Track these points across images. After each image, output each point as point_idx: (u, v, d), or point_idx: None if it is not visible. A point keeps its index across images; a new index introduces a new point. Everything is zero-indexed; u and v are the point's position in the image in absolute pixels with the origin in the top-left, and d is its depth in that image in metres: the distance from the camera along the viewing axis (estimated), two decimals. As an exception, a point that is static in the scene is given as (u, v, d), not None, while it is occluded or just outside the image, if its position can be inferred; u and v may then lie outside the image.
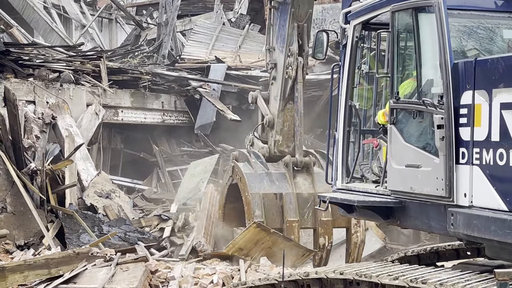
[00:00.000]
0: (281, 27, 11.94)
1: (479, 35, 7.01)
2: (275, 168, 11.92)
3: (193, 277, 10.08)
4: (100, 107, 15.92)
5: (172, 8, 23.21)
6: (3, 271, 9.48)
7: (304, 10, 11.54)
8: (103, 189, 13.87)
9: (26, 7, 23.03)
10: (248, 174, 11.66)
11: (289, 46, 11.69)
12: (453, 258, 8.65)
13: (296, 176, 11.85)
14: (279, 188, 11.59)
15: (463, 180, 6.32)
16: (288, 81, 11.83)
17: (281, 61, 11.94)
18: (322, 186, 11.09)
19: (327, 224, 11.50)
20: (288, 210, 11.47)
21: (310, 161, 11.95)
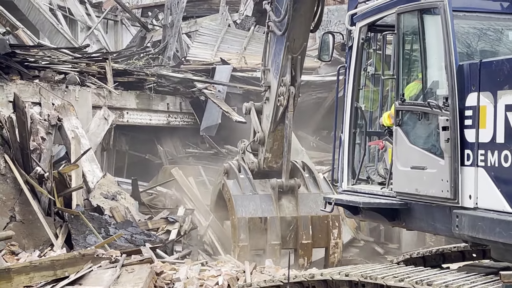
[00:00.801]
0: (277, 54, 12.13)
1: (484, 37, 7.01)
2: (262, 188, 12.57)
3: (198, 279, 10.09)
4: (109, 112, 15.93)
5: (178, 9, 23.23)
6: (8, 272, 9.51)
7: (299, 43, 11.71)
8: (109, 191, 13.88)
9: (32, 9, 23.07)
10: (236, 197, 12.36)
11: (282, 77, 11.95)
12: (459, 260, 8.64)
13: (281, 198, 12.51)
14: (264, 212, 12.26)
15: (468, 182, 6.32)
16: (280, 108, 12.19)
17: (274, 86, 12.23)
18: (304, 208, 12.40)
19: (307, 246, 12.37)
20: (271, 233, 12.19)
21: (295, 184, 12.55)
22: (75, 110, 14.97)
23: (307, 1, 11.14)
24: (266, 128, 12.70)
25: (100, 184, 13.87)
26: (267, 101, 12.63)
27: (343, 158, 8.15)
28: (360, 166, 8.12)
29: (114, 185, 14.26)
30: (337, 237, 12.62)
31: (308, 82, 18.64)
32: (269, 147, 12.73)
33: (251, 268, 10.84)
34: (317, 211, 12.27)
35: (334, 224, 12.62)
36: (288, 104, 12.02)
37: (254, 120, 13.08)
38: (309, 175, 12.98)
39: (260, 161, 12.92)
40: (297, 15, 11.12)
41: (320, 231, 12.57)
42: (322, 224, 12.55)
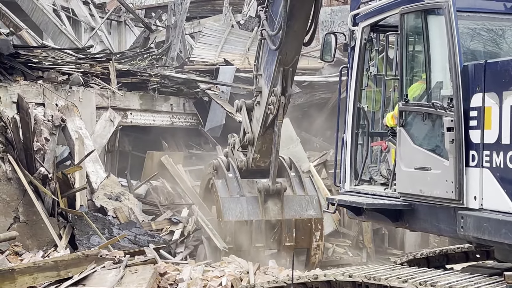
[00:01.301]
0: (269, 63, 12.23)
1: (488, 37, 6.99)
2: (249, 189, 12.96)
3: (201, 279, 10.09)
4: (115, 114, 15.94)
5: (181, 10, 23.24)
6: (12, 273, 9.52)
7: (291, 56, 11.80)
8: (112, 192, 13.89)
9: (36, 10, 23.09)
10: (224, 199, 12.77)
11: (273, 88, 12.09)
12: (463, 261, 8.63)
13: (267, 200, 12.86)
14: (250, 215, 12.69)
15: (473, 182, 6.31)
16: (270, 115, 12.39)
17: (265, 94, 12.39)
18: (289, 212, 12.86)
19: (289, 248, 12.77)
20: (256, 236, 12.66)
21: (281, 188, 12.87)
22: (79, 111, 14.97)
23: (301, 18, 11.18)
24: (256, 131, 12.94)
25: (103, 185, 13.87)
26: (258, 104, 12.84)
27: (346, 159, 8.14)
28: (363, 167, 8.11)
29: (117, 186, 14.27)
30: (319, 239, 13.09)
31: (312, 83, 18.63)
32: (258, 149, 13.01)
33: (254, 268, 10.84)
34: (301, 214, 12.95)
35: (317, 227, 13.06)
36: (277, 113, 12.23)
37: (244, 119, 13.36)
38: (295, 174, 13.37)
39: (248, 159, 13.23)
40: (291, 31, 11.19)
41: (303, 233, 13.00)
42: (305, 227, 12.99)
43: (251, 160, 13.19)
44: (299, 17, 11.16)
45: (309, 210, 13.06)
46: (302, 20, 11.24)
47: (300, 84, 18.58)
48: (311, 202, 13.12)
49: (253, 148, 13.10)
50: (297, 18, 11.13)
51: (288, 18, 10.95)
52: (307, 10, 11.16)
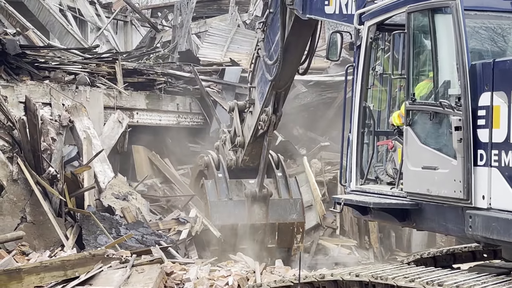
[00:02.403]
0: (263, 82, 12.51)
1: (496, 36, 6.96)
2: (237, 192, 13.65)
3: (208, 279, 10.08)
4: (123, 115, 16.00)
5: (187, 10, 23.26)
6: (19, 272, 9.53)
7: (285, 82, 12.14)
8: (120, 191, 13.92)
9: (42, 10, 23.12)
10: (212, 203, 13.52)
11: (265, 107, 12.52)
12: (470, 260, 8.60)
13: (254, 204, 13.51)
14: (236, 219, 13.43)
15: (481, 182, 6.28)
16: (260, 130, 12.87)
17: (257, 108, 12.82)
18: (273, 216, 13.60)
19: (271, 250, 13.60)
20: (240, 239, 13.37)
21: (267, 194, 13.53)
22: (87, 111, 15.02)
23: (296, 52, 11.53)
24: (246, 137, 13.49)
25: (111, 185, 13.91)
26: (250, 113, 13.28)
27: (352, 158, 8.11)
28: (369, 166, 8.08)
29: (125, 186, 14.29)
30: (299, 241, 13.86)
31: (318, 82, 18.61)
32: (248, 152, 13.61)
33: (261, 268, 10.84)
34: (285, 218, 13.73)
35: (299, 230, 13.84)
36: (268, 130, 12.71)
37: (236, 121, 13.88)
38: (281, 174, 14.06)
39: (238, 159, 13.84)
40: (286, 63, 11.51)
41: (285, 235, 13.77)
42: (287, 230, 13.75)
43: (240, 160, 13.78)
44: (295, 51, 11.51)
45: (292, 214, 13.80)
46: (298, 53, 11.62)
47: (307, 84, 18.56)
48: (295, 205, 13.87)
49: (243, 151, 13.65)
50: (293, 52, 11.48)
51: (284, 51, 11.27)
52: (303, 45, 11.53)
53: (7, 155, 12.70)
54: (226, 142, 14.26)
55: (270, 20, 11.90)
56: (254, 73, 13.00)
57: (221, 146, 14.45)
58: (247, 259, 11.95)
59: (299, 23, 10.94)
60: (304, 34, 11.32)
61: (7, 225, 12.12)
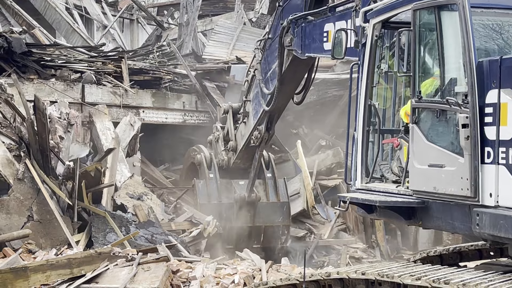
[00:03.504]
0: (257, 99, 12.75)
1: (503, 33, 6.93)
2: (227, 194, 14.05)
3: (214, 277, 10.07)
4: (135, 118, 16.10)
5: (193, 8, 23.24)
6: (25, 270, 9.54)
7: (278, 107, 12.40)
8: (135, 191, 14.00)
9: (48, 8, 23.16)
10: (203, 206, 13.93)
11: (258, 126, 12.86)
12: (476, 258, 8.58)
13: (242, 207, 13.93)
14: (224, 221, 13.77)
15: (488, 179, 6.26)
16: (252, 143, 13.21)
17: (251, 122, 13.14)
18: (260, 219, 14.07)
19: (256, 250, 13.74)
20: (227, 239, 13.79)
21: (256, 199, 13.94)
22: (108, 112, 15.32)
23: (292, 85, 11.82)
24: (239, 143, 13.84)
25: (126, 185, 13.99)
26: (244, 123, 13.54)
27: (357, 156, 8.09)
28: (374, 164, 8.05)
29: (140, 186, 14.36)
30: (284, 242, 14.40)
31: (324, 80, 18.57)
32: (240, 157, 14.01)
33: (267, 266, 10.83)
34: (271, 221, 14.22)
35: (284, 232, 14.38)
36: (260, 145, 13.07)
37: (229, 124, 14.17)
38: (271, 175, 14.46)
39: (230, 160, 14.24)
40: (282, 93, 11.81)
41: (270, 236, 14.30)
42: (273, 232, 14.32)
43: (232, 161, 14.20)
44: (291, 84, 11.79)
45: (279, 217, 14.28)
46: (293, 85, 11.90)
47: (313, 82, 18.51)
48: (282, 208, 14.34)
49: (235, 154, 14.01)
50: (289, 84, 11.76)
51: (281, 83, 11.56)
52: (299, 79, 11.82)
53: (14, 154, 12.73)
54: (219, 140, 14.57)
55: (268, 45, 12.04)
56: (250, 88, 13.21)
57: (214, 142, 14.75)
58: (254, 257, 11.95)
59: (296, 62, 11.25)
60: (301, 71, 11.65)
61: (13, 223, 12.14)
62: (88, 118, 15.35)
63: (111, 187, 13.47)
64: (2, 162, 12.50)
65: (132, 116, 16.14)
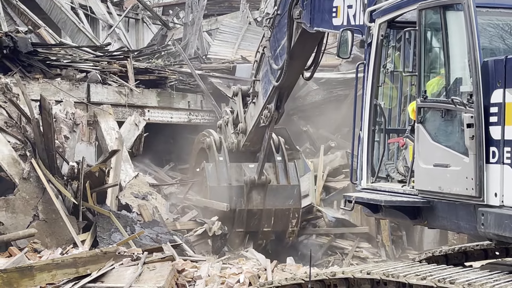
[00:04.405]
0: (267, 78, 12.63)
1: (508, 33, 6.92)
2: (237, 177, 14.00)
3: (219, 276, 10.08)
4: (140, 118, 16.12)
5: (198, 7, 23.25)
6: (31, 270, 9.55)
7: (288, 84, 12.32)
8: (140, 191, 14.02)
9: (54, 8, 23.19)
10: (212, 188, 13.88)
11: (268, 104, 12.74)
12: (482, 258, 8.57)
13: (252, 190, 13.93)
14: (234, 204, 13.85)
15: (493, 179, 6.26)
16: (262, 123, 13.14)
17: (260, 101, 13.03)
18: (270, 202, 14.04)
19: (267, 233, 14.24)
20: (237, 222, 13.92)
21: (266, 181, 13.92)
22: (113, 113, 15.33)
23: (301, 60, 11.72)
24: (249, 125, 13.74)
25: (131, 184, 14.01)
26: (254, 104, 13.44)
27: (362, 156, 8.09)
28: (380, 164, 8.05)
29: (145, 186, 14.38)
30: (294, 226, 14.35)
31: (329, 80, 18.55)
32: (249, 139, 13.93)
33: (272, 266, 10.83)
34: (282, 204, 14.17)
35: (294, 215, 14.30)
36: (269, 124, 12.96)
37: (239, 106, 14.10)
38: (281, 158, 14.37)
39: (239, 143, 14.17)
40: (291, 69, 11.71)
41: (281, 219, 14.23)
42: (283, 215, 14.23)
43: (242, 144, 14.12)
44: (300, 60, 11.68)
45: (289, 200, 14.21)
46: (303, 61, 11.79)
47: (318, 81, 18.51)
48: (292, 191, 14.26)
49: (244, 136, 13.89)
50: (298, 60, 11.64)
51: (290, 58, 11.44)
52: (309, 54, 11.68)
53: (20, 153, 12.76)
54: (228, 124, 14.52)
55: (277, 22, 11.94)
56: (259, 67, 13.08)
57: (223, 126, 14.72)
58: (259, 256, 11.95)
59: (305, 35, 11.11)
60: (310, 45, 11.51)
61: (19, 222, 12.17)
62: (93, 118, 15.37)
63: (115, 187, 13.48)
64: (8, 161, 12.53)
65: (137, 115, 16.17)
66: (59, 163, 13.05)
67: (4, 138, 12.86)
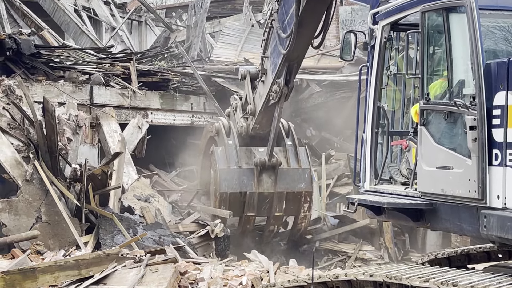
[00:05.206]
0: (276, 53, 12.41)
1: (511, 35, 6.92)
2: (247, 160, 13.71)
3: (222, 279, 10.08)
4: (143, 121, 16.13)
5: (201, 10, 23.29)
6: (34, 271, 9.56)
7: (297, 55, 12.06)
8: (142, 193, 14.01)
9: (57, 10, 23.24)
10: (222, 171, 13.57)
11: (277, 79, 12.44)
12: (484, 261, 8.55)
13: (262, 173, 13.62)
14: (245, 187, 13.58)
15: (496, 181, 6.25)
16: (271, 100, 12.85)
17: (269, 78, 12.75)
18: (282, 185, 13.69)
19: (278, 218, 13.96)
20: (248, 206, 13.58)
21: (277, 163, 13.62)
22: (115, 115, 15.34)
23: (311, 25, 11.39)
24: (258, 105, 13.47)
25: (133, 187, 14.01)
26: (262, 82, 13.14)
27: (366, 158, 8.09)
28: (383, 166, 8.06)
29: (148, 188, 14.38)
30: (306, 210, 14.05)
31: (332, 82, 18.57)
32: (258, 120, 13.62)
33: (275, 268, 10.83)
34: (293, 187, 13.81)
35: (306, 199, 13.98)
36: (279, 101, 12.63)
37: (247, 88, 13.90)
38: (291, 143, 14.13)
39: (248, 126, 13.94)
40: (300, 36, 11.41)
41: (292, 203, 13.91)
42: (295, 199, 13.89)
43: (251, 128, 13.87)
44: (309, 26, 11.35)
45: (301, 183, 13.88)
46: (312, 28, 11.45)
47: (321, 83, 18.53)
48: (303, 175, 13.94)
49: (254, 118, 13.65)
50: (307, 25, 11.30)
51: (299, 25, 11.12)
52: (317, 20, 11.38)
53: (23, 155, 12.77)
54: (237, 109, 14.34)
55: None
56: (267, 43, 12.90)
57: (232, 113, 14.55)
58: (262, 259, 11.95)
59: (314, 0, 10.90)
60: (319, 10, 11.19)
61: (22, 224, 12.18)
62: (96, 121, 15.39)
63: (118, 189, 13.48)
64: (11, 163, 12.55)
65: (140, 118, 16.19)
66: (62, 165, 13.06)
67: (7, 140, 12.88)
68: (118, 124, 15.51)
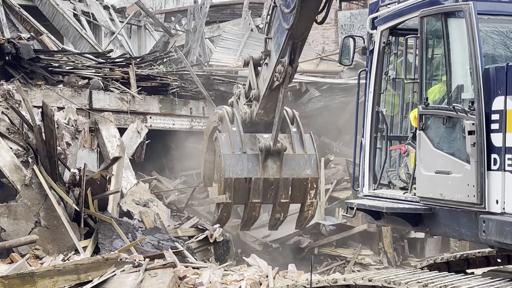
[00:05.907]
0: (279, 32, 12.20)
1: (509, 40, 6.93)
2: (251, 146, 13.47)
3: (221, 283, 10.07)
4: (142, 126, 16.13)
5: (201, 14, 23.32)
6: (32, 276, 9.56)
7: (301, 32, 11.86)
8: (141, 198, 14.00)
9: (56, 15, 23.27)
10: (226, 156, 13.28)
11: (281, 58, 12.22)
12: (483, 265, 8.55)
13: (267, 158, 13.34)
14: (250, 173, 13.26)
15: (495, 186, 6.26)
16: (276, 82, 12.58)
17: (273, 59, 12.48)
18: (287, 171, 13.36)
19: (284, 205, 13.59)
20: (253, 192, 13.28)
21: (282, 148, 13.31)
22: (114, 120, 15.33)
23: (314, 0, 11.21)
24: (261, 89, 13.20)
25: (132, 191, 13.99)
26: (266, 65, 12.98)
27: (364, 163, 8.09)
28: (381, 171, 8.06)
29: (146, 193, 14.35)
30: (313, 197, 13.70)
31: (331, 86, 18.59)
32: (263, 106, 13.33)
33: (274, 272, 10.82)
34: (299, 173, 13.49)
35: (312, 186, 13.63)
36: (283, 81, 12.43)
37: (251, 74, 13.64)
38: (296, 129, 13.87)
39: (252, 112, 13.63)
40: (304, 11, 11.23)
41: (298, 190, 13.55)
42: (301, 185, 13.54)
43: (255, 114, 13.58)
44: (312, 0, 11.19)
45: (307, 169, 13.59)
46: (315, 1, 11.24)
47: (320, 87, 18.54)
48: (309, 161, 13.66)
49: (258, 104, 13.41)
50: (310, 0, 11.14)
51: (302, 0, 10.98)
52: None
53: (21, 159, 12.77)
54: (240, 97, 14.12)
55: None
56: (270, 24, 12.71)
57: (235, 102, 14.32)
58: (261, 263, 11.94)
59: None
60: None
61: (21, 229, 12.17)
62: (95, 125, 15.40)
63: (117, 194, 13.48)
64: (10, 167, 12.55)
65: (139, 123, 16.20)
66: (61, 170, 13.06)
67: (6, 144, 12.88)
68: (117, 129, 15.52)
